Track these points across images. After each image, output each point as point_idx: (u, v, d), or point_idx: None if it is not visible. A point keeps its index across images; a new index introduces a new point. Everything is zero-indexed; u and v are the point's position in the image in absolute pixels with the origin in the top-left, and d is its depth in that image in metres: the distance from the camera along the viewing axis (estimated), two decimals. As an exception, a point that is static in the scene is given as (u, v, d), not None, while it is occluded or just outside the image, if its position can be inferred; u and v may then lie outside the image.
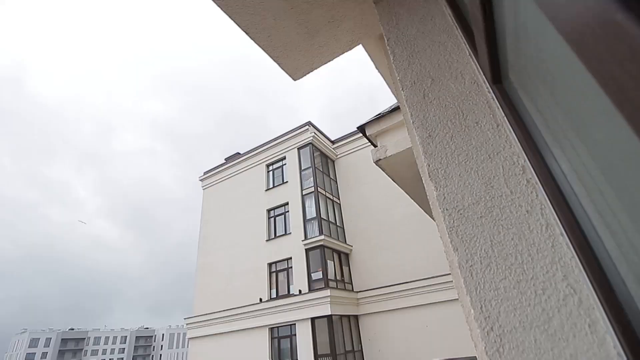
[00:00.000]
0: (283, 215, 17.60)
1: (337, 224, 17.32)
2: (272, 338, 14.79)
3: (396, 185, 3.87)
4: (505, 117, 0.94)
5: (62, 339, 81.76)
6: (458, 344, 12.25)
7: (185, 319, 18.00)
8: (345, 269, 16.11)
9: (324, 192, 17.24)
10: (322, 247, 15.08)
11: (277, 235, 17.19)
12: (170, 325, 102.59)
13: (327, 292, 13.62)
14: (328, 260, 15.09)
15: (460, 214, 0.90)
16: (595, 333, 0.69)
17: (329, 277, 14.54)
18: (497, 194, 0.88)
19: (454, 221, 0.90)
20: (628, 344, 0.66)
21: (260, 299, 15.70)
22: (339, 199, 18.47)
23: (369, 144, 3.61)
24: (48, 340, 79.67)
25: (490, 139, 0.96)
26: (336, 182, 19.11)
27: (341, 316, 14.09)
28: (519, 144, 0.90)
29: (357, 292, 15.41)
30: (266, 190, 18.86)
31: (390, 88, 2.53)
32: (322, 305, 13.57)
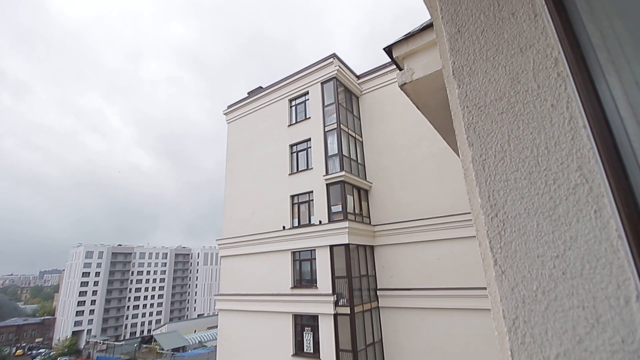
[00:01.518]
0: (305, 151, 17.80)
1: (358, 161, 17.40)
2: (294, 260, 16.22)
3: (420, 122, 3.73)
4: (544, 6, 0.86)
5: (112, 253, 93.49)
6: (467, 277, 12.96)
7: (216, 240, 19.86)
8: (364, 204, 16.64)
9: (346, 129, 17.02)
10: (342, 182, 15.44)
11: (300, 170, 17.63)
12: (204, 246, 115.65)
13: (346, 224, 14.34)
14: (347, 195, 15.57)
15: (481, 110, 0.89)
16: (599, 218, 0.72)
17: (347, 211, 15.16)
18: (523, 89, 0.85)
19: (473, 118, 0.89)
20: (631, 227, 0.69)
21: (284, 227, 16.84)
22: (361, 137, 18.26)
23: (395, 80, 3.42)
24: (100, 253, 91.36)
25: (524, 31, 0.89)
26: (359, 119, 18.68)
27: (358, 245, 15.02)
28: (555, 35, 0.83)
29: (374, 225, 16.12)
30: (289, 125, 18.83)
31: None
32: (341, 235, 14.43)
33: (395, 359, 14.36)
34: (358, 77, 19.12)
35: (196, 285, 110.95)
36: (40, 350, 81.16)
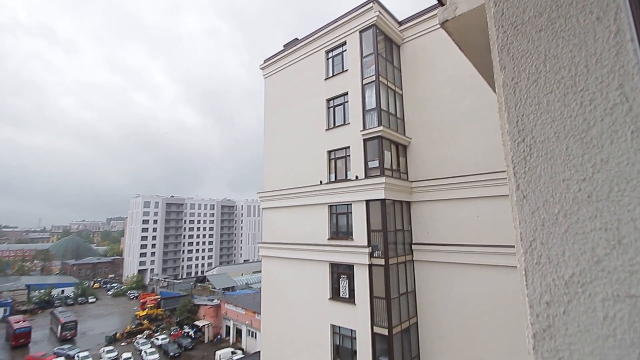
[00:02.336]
0: (342, 106, 17.39)
1: (397, 115, 16.72)
2: (331, 214, 16.77)
3: (467, 72, 3.44)
4: None
5: (166, 203, 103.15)
6: (507, 234, 12.61)
7: (257, 193, 20.95)
8: (401, 159, 16.29)
9: (385, 82, 16.18)
10: (380, 138, 15.10)
11: (336, 125, 17.42)
12: (247, 199, 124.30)
13: (382, 180, 14.29)
14: (385, 151, 15.28)
15: (517, 29, 0.84)
16: (636, 139, 0.69)
17: (385, 166, 14.99)
18: (566, 2, 0.78)
19: (507, 38, 0.84)
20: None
21: (321, 181, 17.22)
22: (401, 89, 17.33)
23: (440, 25, 3.11)
24: (156, 203, 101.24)
25: None
26: (400, 70, 17.57)
27: (394, 201, 15.04)
28: None
29: (412, 181, 15.89)
30: (325, 79, 18.29)
31: None
32: (377, 190, 14.48)
33: (427, 309, 14.92)
34: (400, 23, 17.65)
35: (241, 234, 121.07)
36: (113, 285, 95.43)
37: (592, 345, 0.70)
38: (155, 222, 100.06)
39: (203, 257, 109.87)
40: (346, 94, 17.05)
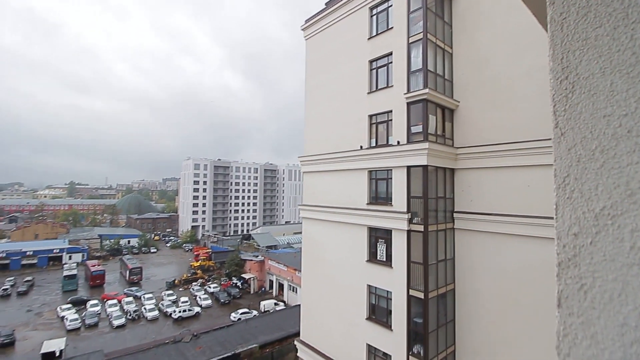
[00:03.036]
0: (386, 67, 16.58)
1: (445, 76, 15.60)
2: (371, 179, 16.76)
3: (528, 27, 3.13)
4: None
5: (214, 166, 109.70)
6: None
7: (298, 157, 21.42)
8: (447, 124, 15.46)
9: (434, 40, 14.98)
10: (425, 101, 14.34)
11: (379, 87, 16.78)
12: (288, 163, 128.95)
13: (425, 145, 13.80)
14: (430, 115, 14.56)
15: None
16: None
17: (428, 132, 14.39)
18: None
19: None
20: None
21: (361, 146, 17.08)
22: (451, 47, 15.96)
23: None
24: (205, 165, 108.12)
25: None
26: (450, 26, 16.09)
27: (437, 167, 14.56)
28: None
29: (457, 147, 15.14)
30: (369, 38, 17.38)
31: None
32: (419, 156, 14.07)
33: (465, 278, 14.84)
34: (455, -30, 15.87)
35: (283, 197, 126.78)
36: (171, 238, 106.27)
37: (616, 272, 0.75)
38: (204, 183, 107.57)
39: (248, 217, 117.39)
40: (390, 54, 16.17)
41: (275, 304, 46.52)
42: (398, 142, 15.14)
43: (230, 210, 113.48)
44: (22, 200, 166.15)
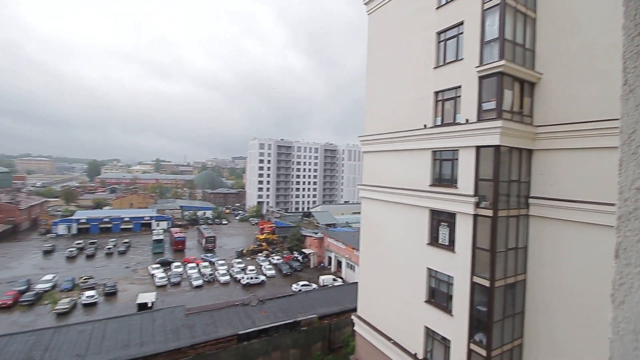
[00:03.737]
0: (456, 38, 15.26)
1: (526, 45, 13.79)
2: (434, 160, 16.02)
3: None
4: None
5: (277, 146, 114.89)
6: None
7: (358, 137, 21.33)
8: (526, 100, 13.82)
9: (513, 4, 13.25)
10: (500, 74, 12.96)
11: (447, 61, 15.60)
12: (348, 143, 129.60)
13: (498, 123, 12.63)
14: (505, 90, 13.16)
15: None
16: None
17: (503, 108, 13.08)
18: None
19: None
20: None
21: (425, 125, 16.31)
22: (534, 12, 13.93)
23: None
24: (269, 145, 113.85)
25: None
26: (537, -15, 14.02)
27: (511, 148, 13.28)
28: None
29: (537, 126, 13.54)
30: (437, 8, 16.07)
31: None
32: (491, 135, 12.96)
33: (539, 268, 13.63)
34: None
35: (342, 177, 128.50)
36: (239, 212, 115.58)
37: None
38: (269, 161, 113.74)
39: (308, 195, 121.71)
40: (461, 23, 14.82)
41: (334, 279, 48.23)
42: (467, 121, 14.11)
43: (292, 188, 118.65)
44: (119, 174, 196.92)
